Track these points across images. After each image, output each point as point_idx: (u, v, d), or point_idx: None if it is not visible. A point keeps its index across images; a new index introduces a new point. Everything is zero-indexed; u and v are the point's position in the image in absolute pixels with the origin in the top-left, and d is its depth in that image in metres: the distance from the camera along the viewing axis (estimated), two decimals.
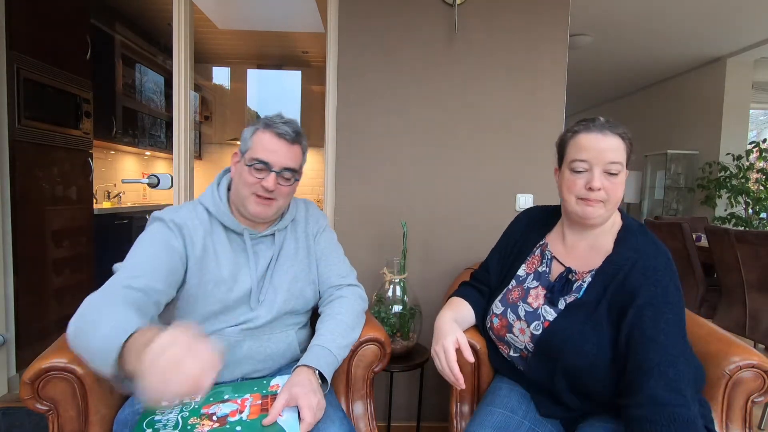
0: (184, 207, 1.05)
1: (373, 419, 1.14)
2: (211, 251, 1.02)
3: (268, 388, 0.97)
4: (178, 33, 1.82)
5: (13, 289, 2.08)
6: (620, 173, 0.91)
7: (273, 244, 1.10)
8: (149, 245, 0.96)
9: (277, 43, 4.05)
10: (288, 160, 1.02)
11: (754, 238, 2.24)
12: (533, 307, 1.00)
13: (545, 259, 1.05)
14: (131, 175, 4.10)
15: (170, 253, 0.96)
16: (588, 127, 0.94)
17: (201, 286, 1.00)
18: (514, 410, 0.98)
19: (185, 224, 1.00)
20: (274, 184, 1.00)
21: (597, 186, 0.90)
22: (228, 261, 1.03)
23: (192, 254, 0.99)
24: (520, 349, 1.02)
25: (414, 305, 1.60)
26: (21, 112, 2.12)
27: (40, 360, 0.92)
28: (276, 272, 1.09)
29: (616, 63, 4.44)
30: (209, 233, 1.03)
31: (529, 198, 1.83)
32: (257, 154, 1.00)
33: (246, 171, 1.01)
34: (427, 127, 1.82)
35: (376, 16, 1.78)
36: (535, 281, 1.04)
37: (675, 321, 0.83)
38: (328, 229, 1.24)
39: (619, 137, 0.92)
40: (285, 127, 1.01)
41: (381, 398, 1.81)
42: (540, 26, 1.78)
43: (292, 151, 1.03)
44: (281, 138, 1.01)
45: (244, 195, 1.02)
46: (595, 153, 0.91)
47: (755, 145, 4.07)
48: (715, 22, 3.26)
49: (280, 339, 1.09)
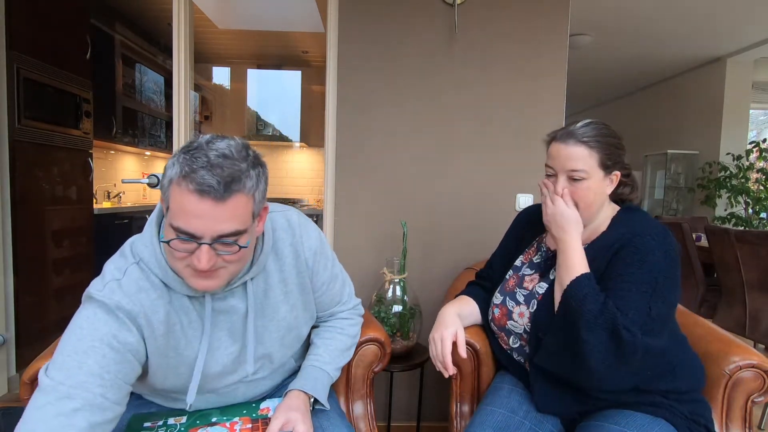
0: (130, 275, 0.76)
1: (373, 419, 1.14)
2: (177, 327, 0.79)
3: (258, 412, 0.93)
4: (178, 33, 1.82)
5: (13, 289, 2.08)
6: (586, 179, 0.95)
7: (244, 296, 0.85)
8: (91, 354, 0.68)
9: (277, 43, 4.05)
10: (221, 225, 0.69)
11: (754, 238, 2.24)
12: (529, 290, 1.05)
13: (540, 251, 1.10)
14: (131, 175, 4.10)
15: (124, 357, 0.72)
16: (555, 136, 1.00)
17: (171, 368, 0.81)
18: (515, 410, 0.98)
19: (138, 307, 0.74)
20: (207, 263, 0.70)
21: (558, 191, 0.98)
22: (183, 334, 0.80)
23: (152, 344, 0.76)
24: (519, 334, 1.04)
25: (414, 305, 1.60)
26: (21, 112, 2.12)
27: (40, 360, 0.92)
28: (261, 328, 0.88)
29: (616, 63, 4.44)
30: (169, 302, 0.78)
31: (529, 198, 1.83)
32: (177, 222, 0.68)
33: (169, 244, 0.71)
34: (427, 127, 1.82)
35: (376, 16, 1.78)
36: (530, 269, 1.09)
37: (641, 276, 0.87)
38: (324, 250, 0.97)
39: (584, 145, 0.95)
40: (208, 177, 0.67)
41: (381, 398, 1.81)
42: (540, 26, 1.78)
43: (226, 210, 0.68)
44: (204, 196, 0.67)
45: (179, 269, 0.74)
46: (557, 161, 0.98)
47: (755, 145, 4.07)
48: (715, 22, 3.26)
49: (279, 375, 1.01)
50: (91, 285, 0.76)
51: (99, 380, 0.68)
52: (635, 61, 4.39)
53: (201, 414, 0.92)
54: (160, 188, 0.73)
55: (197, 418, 0.91)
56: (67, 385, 0.66)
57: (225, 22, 3.43)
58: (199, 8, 3.09)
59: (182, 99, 1.84)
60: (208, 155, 0.68)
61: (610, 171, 0.98)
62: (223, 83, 4.81)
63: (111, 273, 0.76)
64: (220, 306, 0.83)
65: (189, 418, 0.91)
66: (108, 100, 3.23)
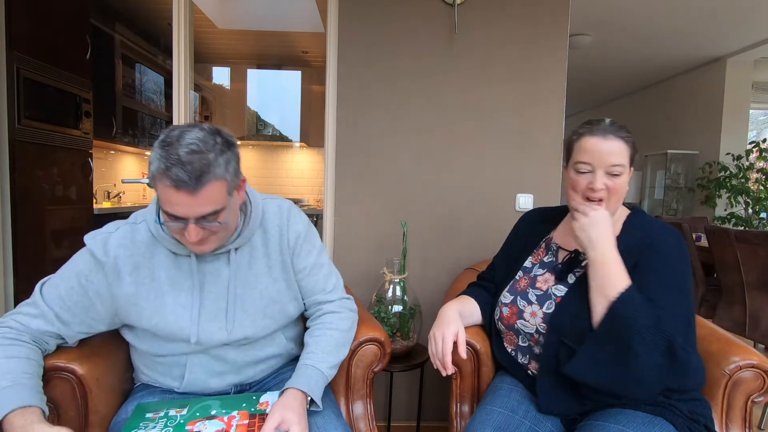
0: (120, 230, 0.93)
1: (373, 419, 1.14)
2: (147, 283, 0.92)
3: (257, 406, 0.94)
4: (178, 33, 1.82)
5: (13, 289, 2.08)
6: (623, 174, 0.97)
7: (228, 263, 0.96)
8: (65, 279, 0.91)
9: (277, 43, 4.05)
10: (200, 208, 0.81)
11: (754, 238, 2.24)
12: (543, 290, 1.04)
13: (551, 251, 1.10)
14: (131, 175, 4.10)
15: (84, 291, 0.90)
16: (591, 130, 0.98)
17: (145, 321, 0.93)
18: (514, 410, 0.98)
19: (111, 260, 0.90)
20: (196, 236, 0.83)
21: (598, 187, 0.96)
22: (172, 287, 0.93)
23: (119, 292, 0.91)
24: (530, 334, 1.03)
25: (414, 305, 1.60)
26: (21, 112, 2.12)
27: None
28: (243, 293, 0.97)
29: (616, 63, 4.44)
30: (148, 260, 0.92)
31: (529, 198, 1.83)
32: (165, 208, 0.82)
33: (166, 222, 0.84)
34: (427, 126, 1.82)
35: (376, 16, 1.78)
36: (542, 269, 1.08)
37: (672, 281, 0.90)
38: (309, 238, 1.06)
39: (622, 140, 0.96)
40: (181, 173, 0.77)
41: (381, 398, 1.81)
42: (540, 26, 1.78)
43: (201, 198, 0.80)
44: (180, 189, 0.78)
45: (177, 238, 0.89)
46: (597, 156, 0.96)
47: (755, 145, 4.07)
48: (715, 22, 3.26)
49: (266, 344, 1.03)
50: (92, 232, 0.93)
51: (60, 302, 0.89)
52: (635, 61, 4.38)
53: (201, 406, 0.92)
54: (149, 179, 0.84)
55: (197, 410, 0.91)
56: (41, 298, 0.89)
57: (225, 22, 3.43)
58: (199, 8, 3.09)
59: (182, 99, 1.84)
60: (179, 153, 0.79)
61: (631, 165, 1.00)
62: (223, 83, 4.81)
63: (108, 227, 0.94)
64: (206, 267, 0.95)
65: (189, 410, 0.91)
66: (108, 100, 3.23)
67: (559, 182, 1.83)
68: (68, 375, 0.92)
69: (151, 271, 0.92)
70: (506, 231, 1.82)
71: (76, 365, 0.92)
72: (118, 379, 1.03)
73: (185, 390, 1.00)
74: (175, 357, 0.97)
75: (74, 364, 0.92)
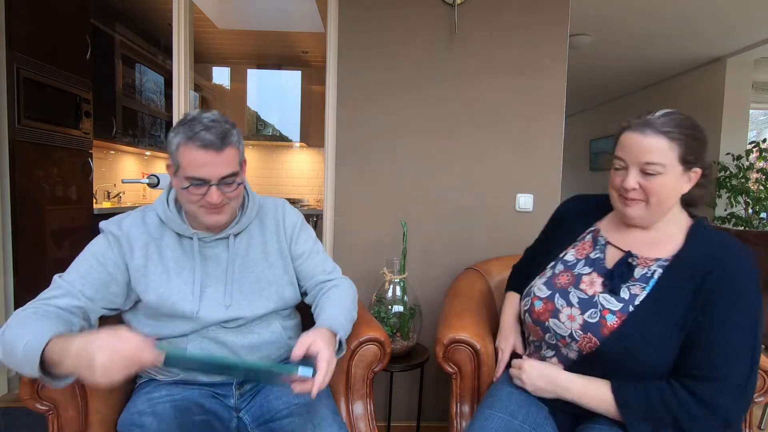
0: (132, 215, 1.04)
1: (373, 419, 1.14)
2: (155, 258, 1.00)
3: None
4: (178, 33, 1.82)
5: (13, 289, 2.08)
6: (661, 174, 0.87)
7: (227, 248, 1.05)
8: (83, 261, 0.97)
9: (277, 43, 4.04)
10: (223, 169, 0.93)
11: (754, 238, 2.24)
12: (588, 294, 0.95)
13: (598, 245, 1.01)
14: (131, 175, 4.10)
15: (102, 266, 0.96)
16: (632, 123, 0.91)
17: (151, 293, 0.98)
18: (514, 414, 0.96)
19: (125, 235, 0.99)
20: (218, 197, 0.94)
21: (629, 185, 0.90)
22: (177, 265, 1.01)
23: (131, 263, 0.98)
24: (561, 336, 0.96)
25: (414, 305, 1.60)
26: (21, 112, 2.12)
27: None
28: (242, 276, 1.05)
29: (616, 63, 4.43)
30: (157, 239, 1.01)
31: (529, 198, 1.83)
32: (190, 173, 0.92)
33: (185, 191, 0.94)
34: (427, 126, 1.82)
35: (376, 16, 1.78)
36: (588, 267, 0.99)
37: (742, 325, 0.82)
38: (305, 228, 1.18)
39: (664, 136, 0.87)
40: (208, 136, 0.91)
41: (381, 398, 1.81)
42: (540, 26, 1.78)
43: (224, 158, 0.93)
44: (208, 149, 0.91)
45: (193, 210, 0.97)
46: (629, 152, 0.90)
47: (755, 145, 4.07)
48: (715, 22, 3.26)
49: (262, 328, 1.07)
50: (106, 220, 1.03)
51: (82, 280, 0.95)
52: (635, 61, 4.38)
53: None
54: (169, 155, 0.96)
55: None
56: (64, 280, 0.95)
57: (225, 22, 3.43)
58: (199, 8, 3.09)
59: (182, 99, 1.84)
60: (202, 122, 0.93)
61: (690, 167, 0.89)
62: (223, 83, 4.81)
63: (121, 215, 1.04)
64: (207, 252, 1.04)
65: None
66: (108, 100, 3.22)
67: (560, 182, 1.83)
68: None
69: (158, 249, 1.01)
70: (506, 231, 1.84)
71: None
72: None
73: (185, 378, 1.02)
74: (175, 339, 1.01)
75: None
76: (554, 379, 0.95)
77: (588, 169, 6.32)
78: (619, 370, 0.88)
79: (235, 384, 1.06)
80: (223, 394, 1.05)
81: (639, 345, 0.86)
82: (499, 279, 1.58)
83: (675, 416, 0.82)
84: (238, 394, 1.05)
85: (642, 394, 0.85)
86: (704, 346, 0.83)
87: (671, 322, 0.86)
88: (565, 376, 0.94)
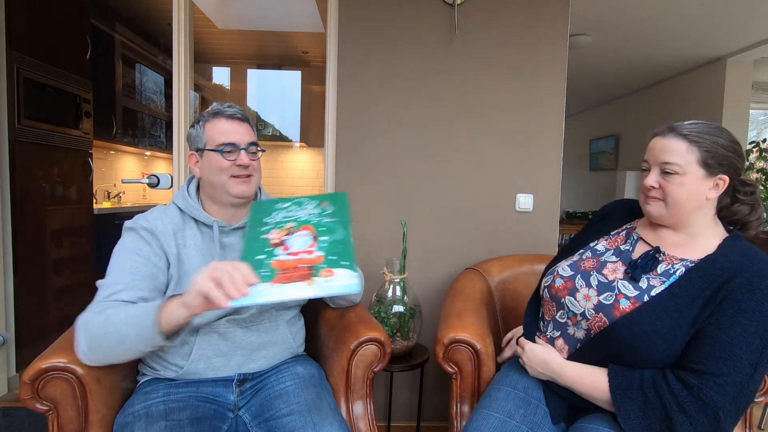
0: (154, 211, 1.08)
1: (373, 419, 1.14)
2: (182, 247, 1.05)
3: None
4: (178, 33, 1.82)
5: (13, 289, 2.08)
6: (679, 174, 0.91)
7: (243, 237, 1.10)
8: (125, 260, 0.99)
9: (277, 43, 4.04)
10: (248, 136, 1.08)
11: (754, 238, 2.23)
12: (608, 279, 0.98)
13: (630, 239, 1.04)
14: (131, 175, 4.10)
15: (147, 260, 1.00)
16: (659, 131, 0.97)
17: (181, 280, 1.03)
18: (511, 414, 0.97)
19: (155, 227, 1.03)
20: (248, 159, 1.07)
21: (648, 183, 0.95)
22: (198, 253, 1.06)
23: (170, 252, 1.03)
24: (574, 313, 0.99)
25: (414, 305, 1.60)
26: (21, 112, 2.12)
27: (39, 360, 0.92)
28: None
29: (616, 63, 4.43)
30: (181, 229, 1.07)
31: (529, 198, 1.83)
32: (221, 139, 1.05)
33: (217, 158, 1.05)
34: (427, 127, 1.82)
35: (376, 16, 1.78)
36: (615, 257, 1.02)
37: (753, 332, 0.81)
38: None
39: (684, 139, 0.91)
40: (232, 110, 1.08)
41: (381, 398, 1.81)
42: (540, 26, 1.78)
43: (247, 128, 1.09)
44: (234, 119, 1.07)
45: (223, 180, 1.06)
46: (652, 153, 0.96)
47: (755, 145, 4.07)
48: (715, 22, 3.26)
49: (269, 328, 1.11)
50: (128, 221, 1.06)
51: (132, 276, 0.97)
52: (635, 61, 4.38)
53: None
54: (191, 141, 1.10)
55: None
56: (113, 280, 0.97)
57: (225, 22, 3.43)
58: (199, 8, 3.08)
59: (182, 99, 1.84)
60: (222, 104, 1.10)
61: (713, 172, 0.91)
62: (223, 83, 4.81)
63: (141, 214, 1.08)
64: (225, 240, 1.09)
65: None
66: (108, 100, 3.22)
67: (560, 182, 1.83)
68: (68, 375, 0.92)
69: (183, 238, 1.06)
70: (506, 231, 1.84)
71: (76, 365, 0.92)
72: (119, 378, 1.04)
73: (188, 372, 1.03)
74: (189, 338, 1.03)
75: (74, 364, 0.92)
76: (550, 364, 0.98)
77: (588, 169, 6.32)
78: (622, 355, 0.90)
79: (236, 382, 1.06)
80: (223, 392, 1.05)
81: (646, 333, 0.87)
82: (498, 279, 1.58)
83: (664, 403, 0.83)
84: (238, 391, 1.06)
85: (636, 378, 0.87)
86: (708, 342, 0.83)
87: (682, 319, 0.87)
88: (561, 361, 0.97)
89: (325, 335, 1.27)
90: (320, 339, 1.28)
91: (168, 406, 0.95)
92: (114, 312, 0.89)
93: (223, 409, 1.02)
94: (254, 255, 0.90)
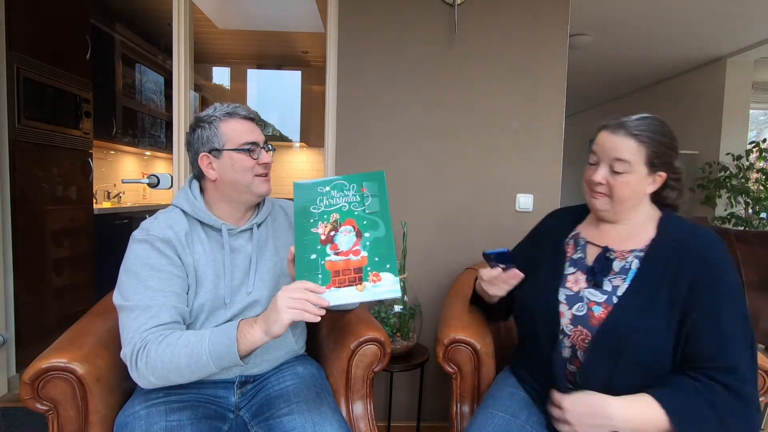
0: (160, 217, 1.04)
1: (373, 419, 1.14)
2: (192, 248, 1.03)
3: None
4: (178, 33, 1.82)
5: (13, 289, 2.08)
6: (627, 173, 0.93)
7: (251, 239, 1.10)
8: (147, 277, 0.94)
9: (277, 43, 4.04)
10: (262, 135, 1.11)
11: (754, 238, 2.24)
12: (573, 291, 0.98)
13: (579, 246, 1.05)
14: (131, 175, 4.10)
15: (170, 273, 0.96)
16: (608, 124, 0.97)
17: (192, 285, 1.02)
18: (516, 414, 0.97)
19: (169, 236, 0.99)
20: (270, 157, 1.10)
21: (596, 179, 0.96)
22: (206, 257, 1.04)
23: (186, 261, 1.00)
24: None
25: (414, 305, 1.60)
26: (21, 112, 2.12)
27: (40, 360, 0.92)
28: (262, 265, 1.09)
29: (616, 63, 4.43)
30: (188, 233, 1.04)
31: (529, 198, 1.83)
32: (244, 138, 1.04)
33: (241, 157, 1.04)
34: (427, 127, 1.82)
35: (376, 16, 1.78)
36: (572, 267, 1.02)
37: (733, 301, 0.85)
38: None
39: (634, 138, 0.93)
40: (244, 110, 1.08)
41: (381, 398, 1.81)
42: (540, 26, 1.78)
43: (259, 129, 1.12)
44: (248, 119, 1.08)
45: (248, 180, 1.05)
46: (601, 149, 0.96)
47: (755, 145, 4.07)
48: (715, 22, 3.26)
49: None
50: (134, 232, 1.01)
51: (161, 294, 0.93)
52: (635, 61, 4.38)
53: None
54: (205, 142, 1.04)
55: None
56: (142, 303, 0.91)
57: (225, 22, 3.43)
58: (199, 8, 3.08)
59: (182, 99, 1.84)
60: (232, 107, 1.06)
61: (655, 170, 0.94)
62: (223, 83, 4.81)
63: (147, 221, 1.04)
64: (233, 243, 1.08)
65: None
66: (108, 100, 3.22)
67: (560, 182, 1.83)
68: (68, 375, 0.92)
69: (191, 244, 1.03)
70: (506, 231, 1.84)
71: (76, 365, 0.92)
72: (119, 378, 1.03)
73: None
74: None
75: (74, 364, 0.92)
76: (606, 408, 0.84)
77: None
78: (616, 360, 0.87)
79: (237, 384, 1.06)
80: (224, 394, 1.05)
81: (628, 333, 0.87)
82: None
83: (720, 416, 0.81)
84: (239, 393, 1.05)
85: (682, 398, 0.83)
86: (716, 336, 0.84)
87: (657, 308, 0.88)
88: (615, 401, 0.85)
89: (326, 335, 1.27)
90: (320, 339, 1.29)
91: (168, 407, 0.95)
92: (181, 342, 0.87)
93: (223, 409, 1.02)
94: (307, 253, 0.90)
